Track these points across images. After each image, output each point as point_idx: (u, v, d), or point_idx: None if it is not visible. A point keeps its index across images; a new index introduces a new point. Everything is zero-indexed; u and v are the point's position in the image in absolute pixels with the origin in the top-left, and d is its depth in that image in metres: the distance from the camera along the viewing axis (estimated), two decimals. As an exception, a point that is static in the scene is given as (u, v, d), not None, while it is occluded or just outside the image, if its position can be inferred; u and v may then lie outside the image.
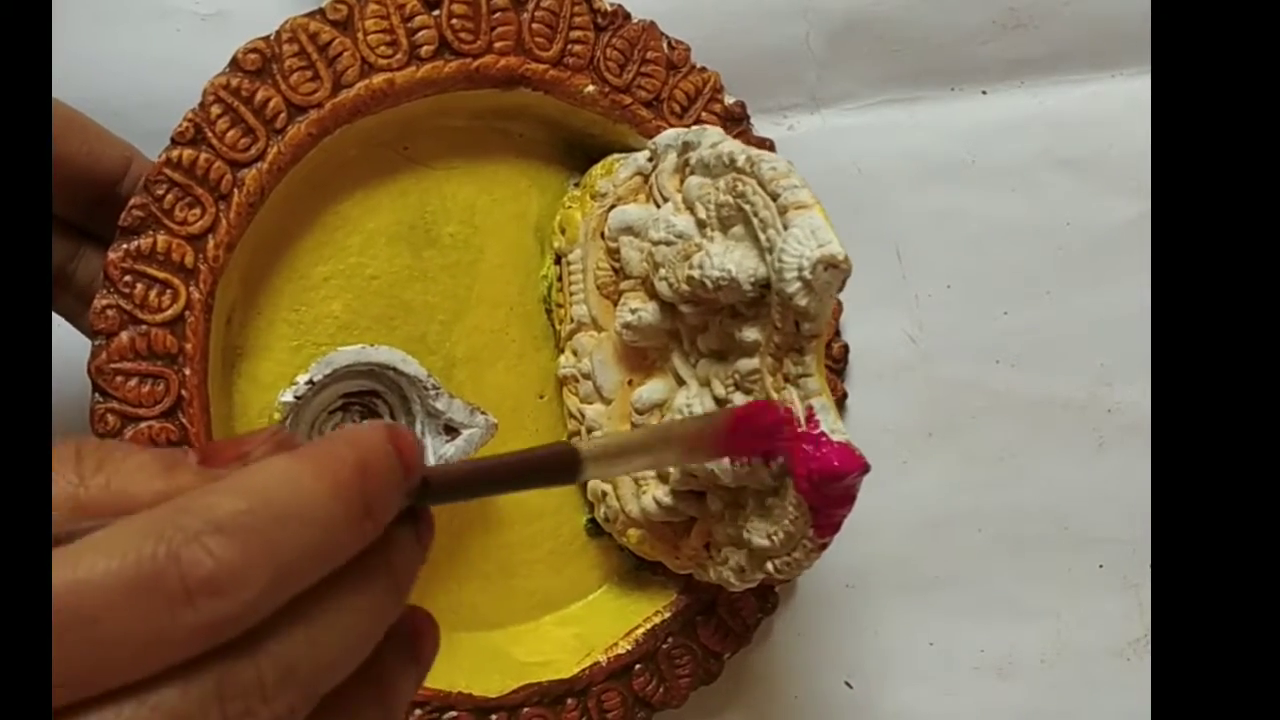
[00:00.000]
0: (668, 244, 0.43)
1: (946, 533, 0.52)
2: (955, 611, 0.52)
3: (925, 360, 0.52)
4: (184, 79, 0.45)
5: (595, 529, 0.49)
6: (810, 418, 0.38)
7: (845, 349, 0.50)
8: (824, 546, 0.39)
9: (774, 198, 0.38)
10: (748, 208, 0.39)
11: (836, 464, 0.37)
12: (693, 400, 0.43)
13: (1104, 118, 0.52)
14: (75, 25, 0.47)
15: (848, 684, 0.52)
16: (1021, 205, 0.52)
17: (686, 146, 0.43)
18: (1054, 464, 0.52)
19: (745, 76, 0.50)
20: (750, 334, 0.40)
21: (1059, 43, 0.52)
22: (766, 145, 0.49)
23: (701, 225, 0.42)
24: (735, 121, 0.48)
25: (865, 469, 0.37)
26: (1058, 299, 0.52)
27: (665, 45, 0.48)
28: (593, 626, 0.48)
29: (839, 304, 0.49)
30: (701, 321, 0.42)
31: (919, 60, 0.52)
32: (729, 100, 0.48)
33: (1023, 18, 0.52)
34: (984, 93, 0.52)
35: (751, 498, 0.41)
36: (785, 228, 0.38)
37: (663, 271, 0.43)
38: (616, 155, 0.47)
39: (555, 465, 0.31)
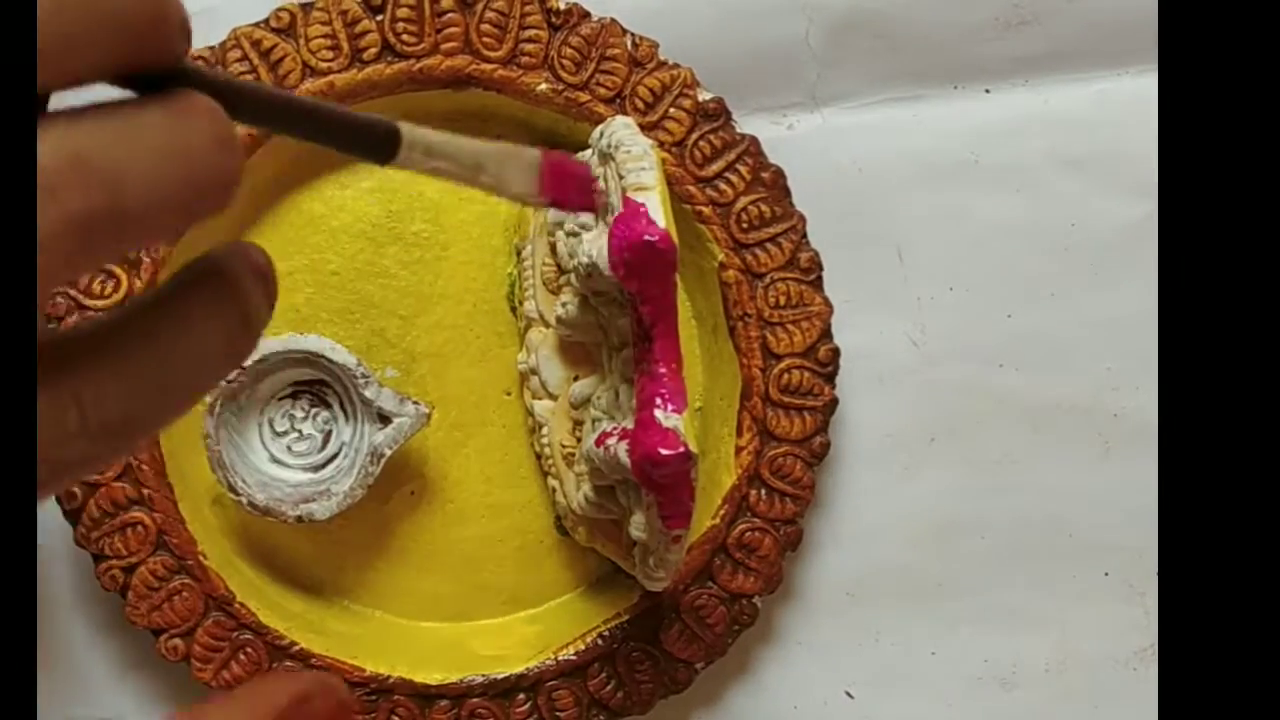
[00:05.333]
0: (574, 235, 0.43)
1: (949, 540, 0.52)
2: (958, 620, 0.52)
3: (927, 364, 0.51)
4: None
5: (564, 528, 0.49)
6: (650, 404, 0.38)
7: (834, 352, 0.49)
8: (679, 539, 0.40)
9: (620, 180, 0.39)
10: (610, 193, 0.40)
11: (660, 450, 0.38)
12: (603, 393, 0.43)
13: (1109, 117, 0.52)
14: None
15: (848, 694, 0.52)
16: (1025, 206, 0.52)
17: (600, 137, 0.43)
18: (1058, 470, 0.52)
19: (744, 74, 0.50)
20: (624, 322, 0.40)
21: (1063, 40, 0.51)
22: (750, 143, 0.48)
23: (598, 216, 0.42)
24: (710, 118, 0.48)
25: (687, 456, 0.38)
26: (1062, 301, 0.52)
27: (629, 42, 0.48)
28: (556, 626, 0.49)
29: (828, 305, 0.49)
30: (609, 313, 0.43)
31: (921, 58, 0.51)
32: (704, 96, 0.48)
33: (1027, 15, 0.51)
34: (987, 91, 0.52)
35: (632, 490, 0.41)
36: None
37: (573, 263, 0.43)
38: (579, 154, 0.47)
39: (372, 136, 0.27)
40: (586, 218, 0.43)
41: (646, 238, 0.37)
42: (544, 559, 0.50)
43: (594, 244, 0.40)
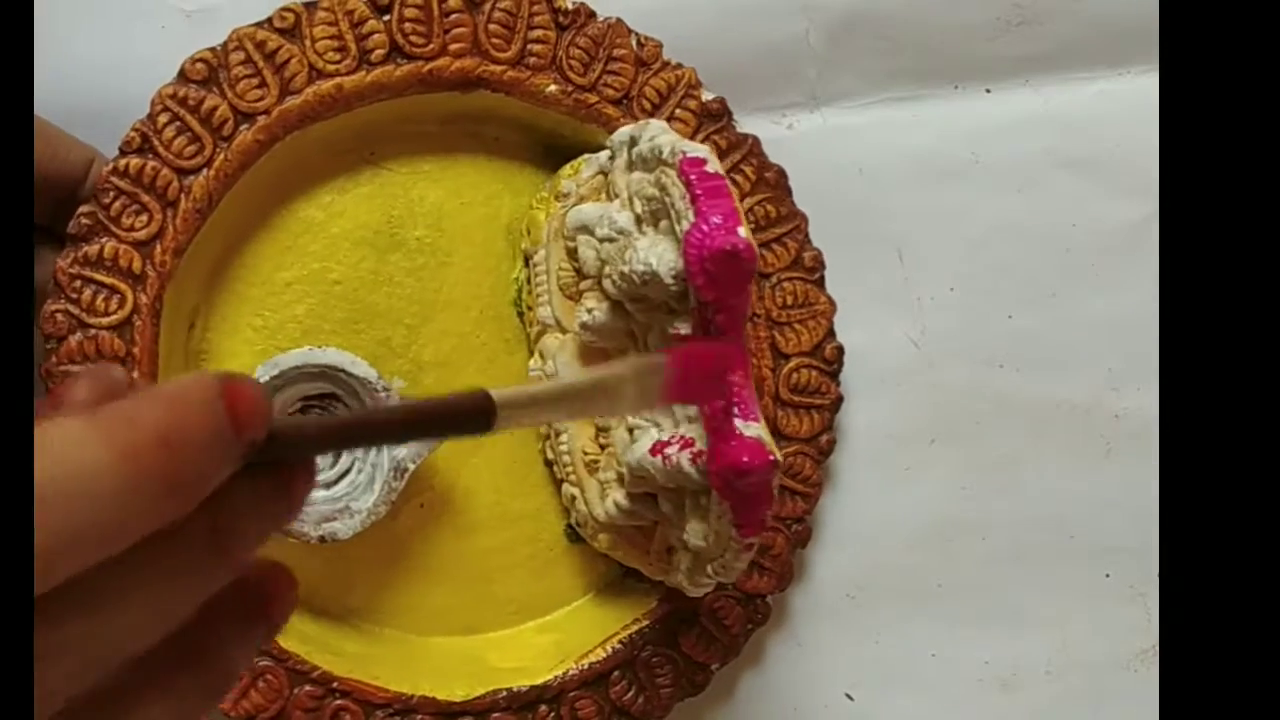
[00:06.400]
0: (610, 241, 0.42)
1: (949, 541, 0.51)
2: (958, 622, 0.51)
3: (928, 364, 0.51)
4: (170, 77, 0.45)
5: (575, 535, 0.49)
6: (726, 413, 0.37)
7: (839, 350, 0.49)
8: (751, 547, 0.39)
9: (689, 187, 0.38)
10: (668, 200, 0.39)
11: (745, 459, 0.37)
12: None
13: (1111, 116, 0.52)
14: (57, 23, 0.47)
15: (848, 696, 0.51)
16: (1026, 206, 0.51)
17: (633, 142, 0.43)
18: (1060, 471, 0.52)
19: (744, 74, 0.49)
20: (682, 328, 0.40)
21: (1065, 40, 0.51)
22: (751, 143, 0.48)
23: (639, 221, 0.42)
24: (713, 119, 0.48)
25: (773, 465, 0.37)
26: (1063, 302, 0.51)
27: (634, 42, 0.47)
28: (572, 634, 0.48)
29: (832, 303, 0.49)
30: (649, 319, 0.42)
31: (921, 58, 0.51)
32: (707, 97, 0.48)
33: (1028, 14, 0.51)
34: (988, 91, 0.52)
35: (689, 498, 0.41)
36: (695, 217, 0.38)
37: (607, 269, 0.42)
38: (586, 155, 0.47)
39: (467, 414, 0.27)
40: (626, 223, 0.42)
41: (729, 246, 0.36)
42: (553, 567, 0.49)
43: (651, 251, 0.39)
